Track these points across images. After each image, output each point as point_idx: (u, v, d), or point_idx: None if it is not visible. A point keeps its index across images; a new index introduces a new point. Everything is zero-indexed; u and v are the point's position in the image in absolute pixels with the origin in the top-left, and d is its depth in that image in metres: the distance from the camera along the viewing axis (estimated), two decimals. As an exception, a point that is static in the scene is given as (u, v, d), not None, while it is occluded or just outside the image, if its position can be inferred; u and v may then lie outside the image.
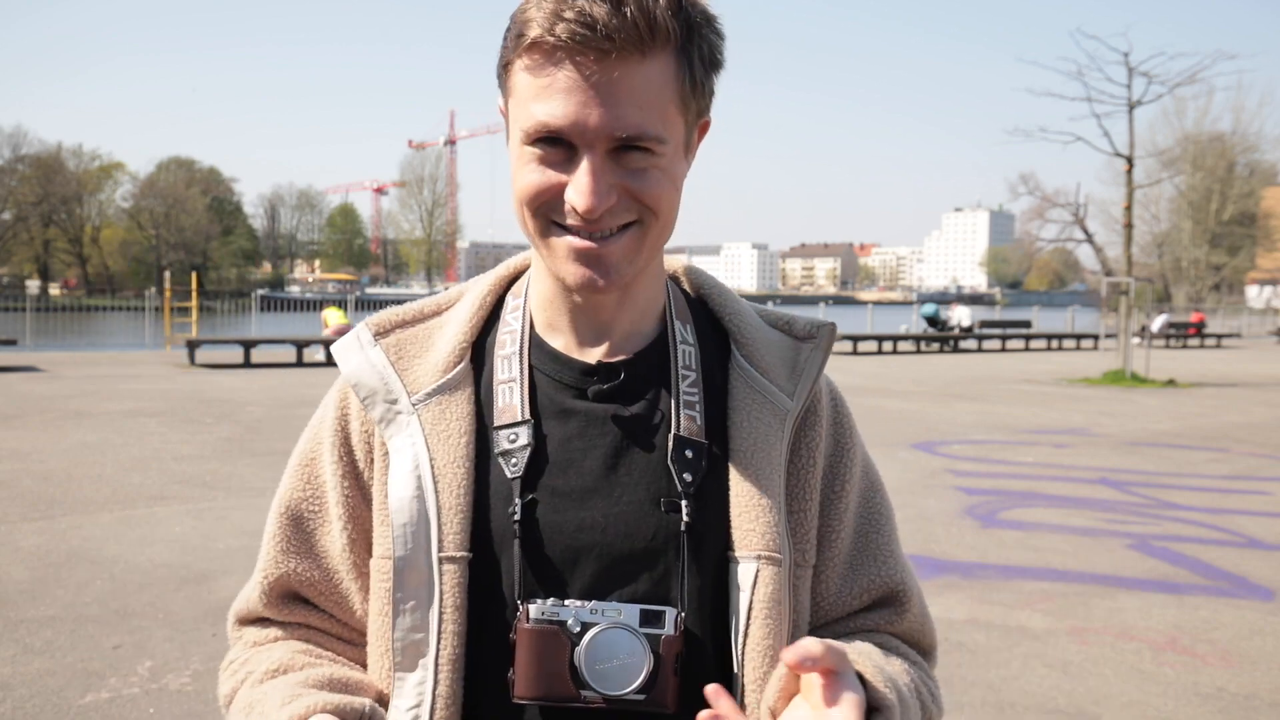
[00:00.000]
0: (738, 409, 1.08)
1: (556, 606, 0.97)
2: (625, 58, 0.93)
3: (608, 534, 1.02)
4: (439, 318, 1.15)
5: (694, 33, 0.97)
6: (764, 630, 1.01)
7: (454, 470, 1.03)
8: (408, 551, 1.02)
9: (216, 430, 10.84)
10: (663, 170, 0.98)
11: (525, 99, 0.96)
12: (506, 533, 1.02)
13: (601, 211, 0.95)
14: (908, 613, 1.14)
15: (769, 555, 1.02)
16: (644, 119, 0.94)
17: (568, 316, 1.09)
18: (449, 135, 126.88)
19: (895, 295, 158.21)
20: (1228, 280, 61.45)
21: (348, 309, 25.63)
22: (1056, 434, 12.15)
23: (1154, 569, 6.28)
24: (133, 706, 3.99)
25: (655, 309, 1.12)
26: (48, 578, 5.56)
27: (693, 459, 1.04)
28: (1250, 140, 54.71)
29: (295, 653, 1.09)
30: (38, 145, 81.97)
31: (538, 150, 0.97)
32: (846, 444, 1.15)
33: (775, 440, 1.06)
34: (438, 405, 1.06)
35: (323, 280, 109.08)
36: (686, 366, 1.09)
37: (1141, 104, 20.72)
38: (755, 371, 1.09)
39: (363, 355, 1.11)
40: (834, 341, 1.15)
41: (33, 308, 34.14)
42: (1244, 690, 4.37)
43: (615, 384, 1.07)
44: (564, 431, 1.06)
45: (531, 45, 0.94)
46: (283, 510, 1.13)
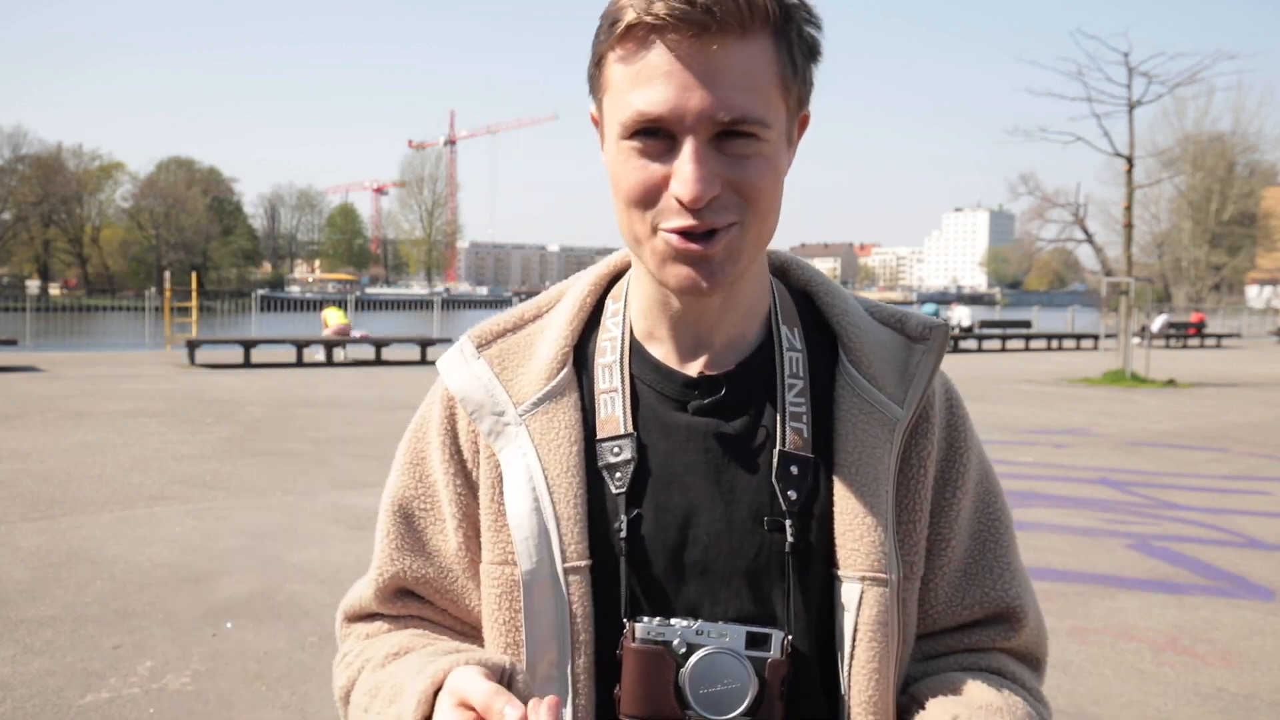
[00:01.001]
0: (844, 420, 1.03)
1: (663, 626, 0.96)
2: (725, 35, 0.89)
3: (710, 552, 1.00)
4: (539, 321, 1.12)
5: (791, 15, 0.94)
6: (869, 653, 0.98)
7: (567, 480, 1.02)
8: (534, 565, 1.00)
9: (216, 430, 10.84)
10: (767, 159, 0.94)
11: (621, 90, 0.93)
12: (613, 548, 1.01)
13: (707, 200, 0.91)
14: (1024, 629, 1.09)
15: (874, 576, 0.99)
16: (748, 100, 0.90)
17: (668, 324, 1.05)
18: (449, 135, 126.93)
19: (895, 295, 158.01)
20: (1228, 280, 61.48)
21: (348, 309, 25.63)
22: (1056, 434, 12.15)
23: (1154, 569, 6.28)
24: (133, 706, 3.99)
25: (760, 312, 1.08)
26: (48, 578, 5.56)
27: (798, 475, 1.01)
28: (1250, 140, 54.74)
29: (413, 636, 1.09)
30: (38, 145, 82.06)
31: (637, 143, 0.93)
32: (961, 448, 1.10)
33: (883, 453, 1.02)
34: (544, 414, 1.04)
35: (323, 280, 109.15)
36: (794, 375, 1.05)
37: (1141, 104, 20.73)
38: (864, 379, 1.05)
39: (467, 369, 1.09)
40: (946, 344, 1.10)
41: (33, 308, 34.10)
42: (1244, 690, 4.37)
43: (716, 398, 1.03)
44: (666, 446, 1.03)
45: (626, 32, 0.91)
46: (395, 509, 1.12)
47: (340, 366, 19.42)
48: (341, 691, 1.10)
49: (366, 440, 10.30)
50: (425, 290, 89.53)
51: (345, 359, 20.48)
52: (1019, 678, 1.08)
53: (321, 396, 14.23)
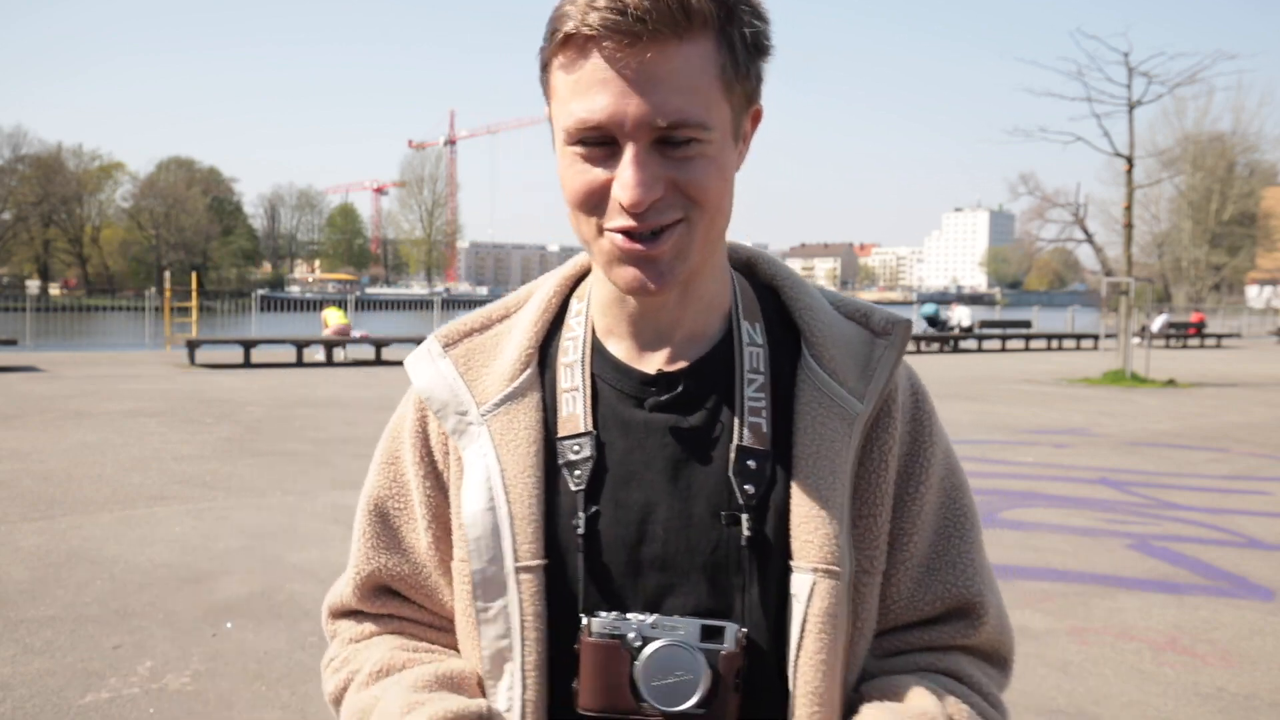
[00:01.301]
0: (803, 414, 1.04)
1: (619, 621, 0.98)
2: (660, 41, 0.90)
3: (668, 547, 1.02)
4: (506, 322, 1.14)
5: (733, 14, 0.95)
6: (818, 644, 0.99)
7: (524, 480, 1.03)
8: (484, 564, 1.03)
9: (216, 430, 10.84)
10: (710, 159, 0.95)
11: (564, 98, 0.95)
12: (571, 545, 1.02)
13: (648, 204, 0.93)
14: (984, 626, 1.09)
15: (826, 568, 1.00)
16: (685, 104, 0.92)
17: (627, 321, 1.07)
18: (449, 135, 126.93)
19: (895, 295, 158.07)
20: (1228, 280, 61.46)
21: (348, 309, 25.63)
22: (1056, 434, 12.15)
23: (1154, 569, 6.28)
24: (133, 706, 3.99)
25: (720, 308, 1.09)
26: (48, 578, 5.56)
27: (756, 469, 1.02)
28: (1250, 140, 54.74)
29: (394, 649, 1.11)
30: (38, 145, 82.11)
31: (580, 149, 0.95)
32: (925, 442, 1.10)
33: (841, 446, 1.03)
34: (505, 415, 1.06)
35: (323, 280, 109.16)
36: (754, 370, 1.06)
37: (1141, 104, 20.72)
38: (824, 373, 1.06)
39: (433, 368, 1.11)
40: (908, 339, 1.11)
41: (33, 308, 34.11)
42: (1244, 690, 4.37)
43: (673, 395, 1.05)
44: (625, 443, 1.05)
45: (565, 41, 0.93)
46: (370, 508, 1.15)
47: (340, 366, 19.42)
48: (332, 697, 1.13)
49: (366, 440, 10.29)
50: (425, 290, 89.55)
51: (345, 359, 20.47)
52: (974, 681, 1.08)
53: (321, 396, 14.23)
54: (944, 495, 1.11)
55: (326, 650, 1.19)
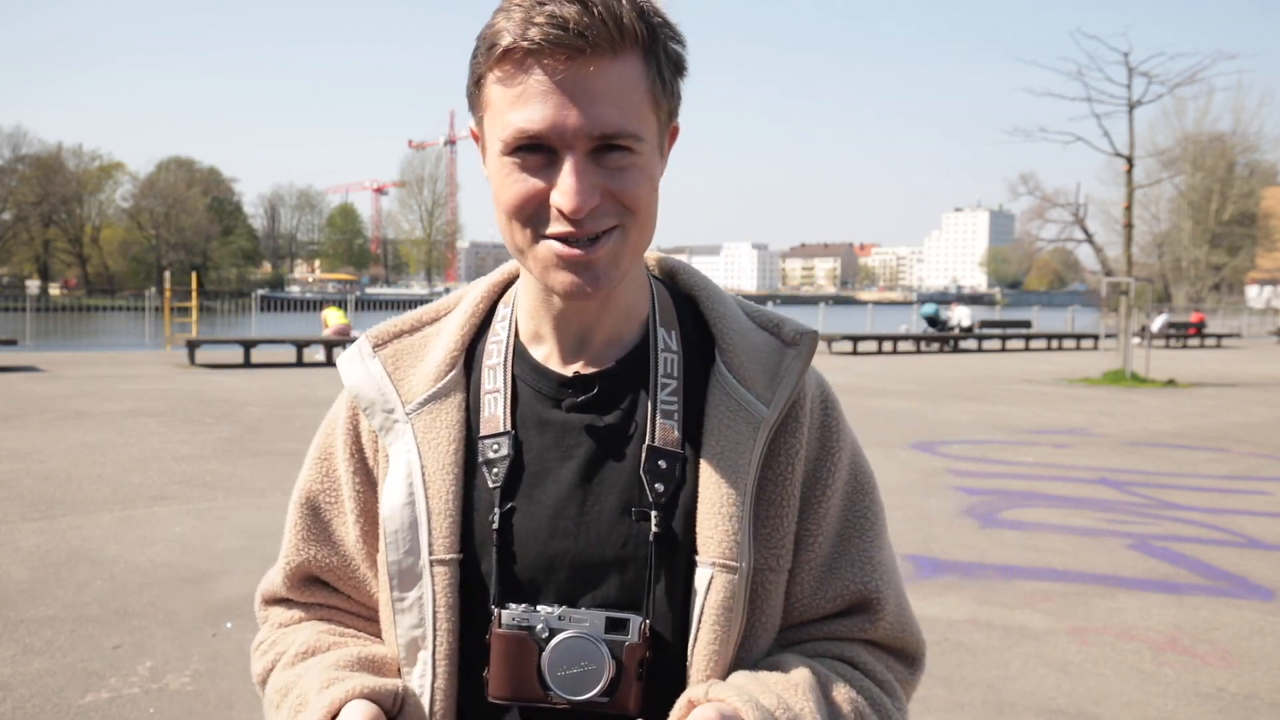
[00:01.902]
0: (711, 416, 1.08)
1: (528, 613, 1.02)
2: (598, 57, 0.95)
3: (579, 542, 1.06)
4: (435, 325, 1.19)
5: (657, 35, 0.99)
6: (711, 635, 1.03)
7: (443, 477, 1.08)
8: (401, 555, 1.07)
9: (216, 430, 10.84)
10: (641, 170, 1.00)
11: (501, 110, 0.98)
12: (486, 540, 1.07)
13: (587, 211, 0.97)
14: (881, 620, 1.13)
15: (724, 563, 1.03)
16: (620, 117, 0.96)
17: (551, 325, 1.11)
18: (449, 135, 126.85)
19: (895, 295, 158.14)
20: (1228, 280, 61.44)
21: (348, 309, 25.63)
22: (1056, 434, 12.15)
23: (1154, 569, 6.28)
24: (133, 706, 3.99)
25: (639, 315, 1.13)
26: (48, 578, 5.56)
27: (666, 469, 1.06)
28: (1250, 140, 54.75)
29: (320, 633, 1.16)
30: (38, 145, 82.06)
31: (517, 159, 0.98)
32: (833, 447, 1.14)
33: (746, 449, 1.07)
34: (429, 414, 1.11)
35: (323, 280, 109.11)
36: (667, 375, 1.10)
37: (1141, 104, 20.73)
38: (734, 379, 1.10)
39: (363, 367, 1.16)
40: (815, 349, 1.14)
41: (33, 308, 34.10)
42: (1244, 690, 4.37)
43: (589, 396, 1.09)
44: (541, 442, 1.09)
45: (504, 55, 0.96)
46: (302, 501, 1.20)
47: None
48: (258, 678, 1.18)
49: (366, 440, 10.29)
50: (425, 290, 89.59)
51: (345, 359, 20.45)
52: (867, 667, 1.11)
53: (321, 396, 14.23)
54: (849, 497, 1.15)
55: (256, 634, 1.23)
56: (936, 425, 12.50)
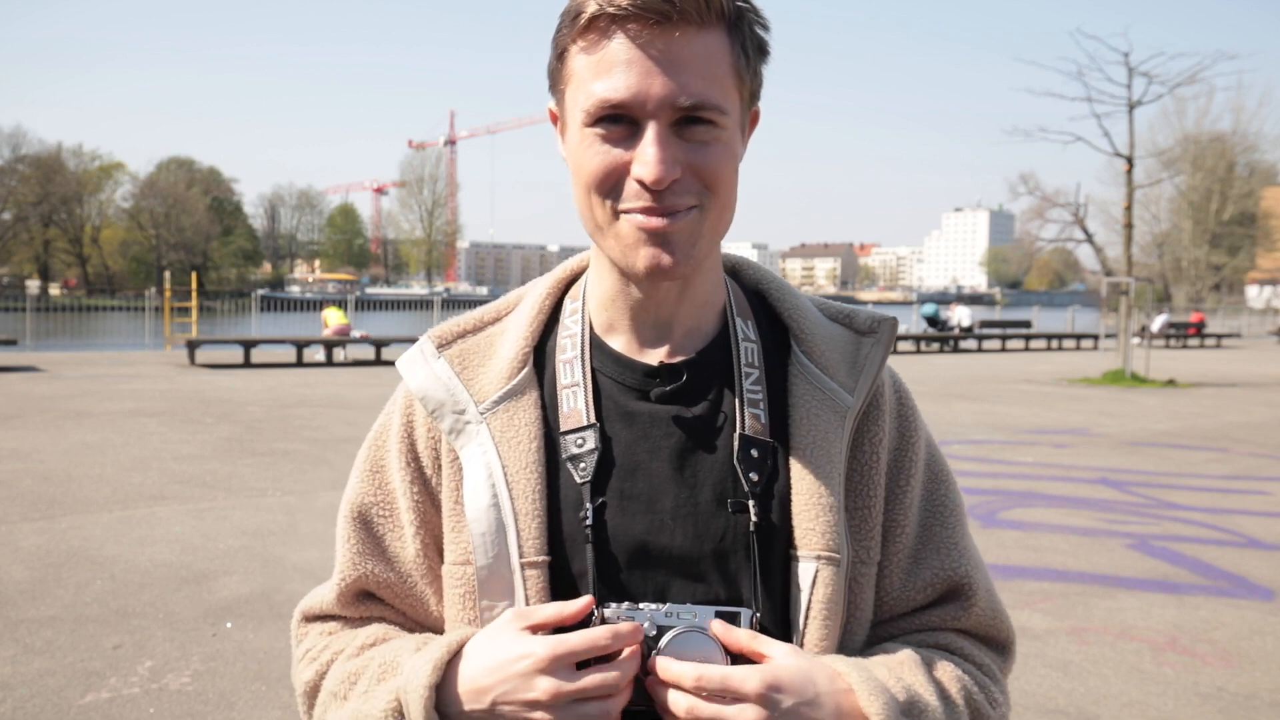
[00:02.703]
0: (798, 406, 1.06)
1: (631, 611, 0.97)
2: (685, 25, 0.93)
3: (677, 536, 1.02)
4: (499, 324, 1.15)
5: (742, 15, 0.98)
6: (822, 631, 1.01)
7: (526, 476, 1.03)
8: (490, 560, 1.02)
9: (216, 430, 10.84)
10: (725, 145, 0.97)
11: (584, 80, 0.96)
12: (579, 538, 1.02)
13: (669, 181, 0.94)
14: (974, 607, 1.11)
15: (828, 555, 1.01)
16: (706, 87, 0.94)
17: (628, 316, 1.08)
18: (449, 135, 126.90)
19: (895, 295, 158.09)
20: (1228, 280, 61.43)
21: (348, 309, 25.63)
22: (1056, 434, 12.15)
23: (1154, 569, 6.28)
24: (133, 706, 3.99)
25: (716, 305, 1.10)
26: (48, 578, 5.56)
27: (759, 458, 1.04)
28: (1250, 140, 54.74)
29: (386, 629, 1.12)
30: (38, 145, 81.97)
31: (600, 130, 0.96)
32: (911, 437, 1.13)
33: (836, 438, 1.05)
34: (505, 412, 1.06)
35: (323, 280, 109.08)
36: (749, 364, 1.08)
37: (1141, 104, 20.73)
38: (815, 368, 1.08)
39: (428, 368, 1.11)
40: (894, 336, 1.13)
41: (33, 308, 34.09)
42: (1244, 690, 4.37)
43: (678, 385, 1.06)
44: (629, 435, 1.05)
45: (589, 24, 0.94)
46: (354, 515, 1.16)
47: (340, 366, 19.42)
48: (307, 686, 1.10)
49: (366, 440, 10.28)
50: (425, 290, 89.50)
51: (345, 359, 20.47)
52: (966, 652, 1.10)
53: (321, 396, 14.23)
54: (928, 486, 1.14)
55: (298, 649, 1.17)
56: (936, 425, 12.48)
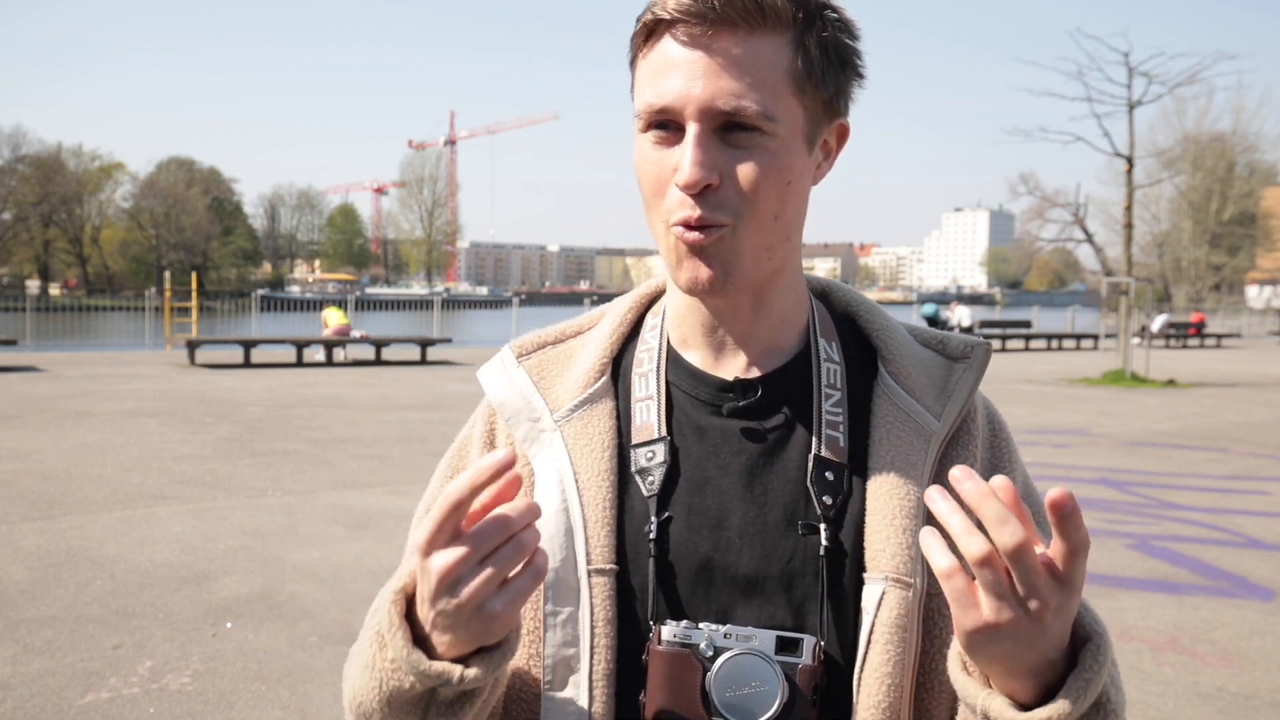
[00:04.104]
0: (879, 428, 1.03)
1: (689, 629, 0.94)
2: (732, 29, 0.91)
3: (743, 556, 0.99)
4: (580, 338, 1.14)
5: (814, 20, 0.94)
6: (884, 656, 0.95)
7: (598, 483, 1.02)
8: (558, 564, 0.99)
9: (216, 430, 10.84)
10: (771, 155, 0.93)
11: (641, 86, 0.96)
12: (642, 551, 1.00)
13: (702, 185, 0.91)
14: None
15: (896, 578, 0.96)
16: (749, 92, 0.91)
17: (701, 330, 1.06)
18: (449, 135, 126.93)
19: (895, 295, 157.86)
20: (1228, 280, 61.42)
21: (348, 309, 25.63)
22: (1056, 434, 12.15)
23: (1154, 569, 6.28)
24: (133, 706, 3.99)
25: (797, 323, 1.08)
26: (48, 578, 5.56)
27: (834, 481, 1.01)
28: (1250, 140, 54.66)
29: None
30: (38, 145, 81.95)
31: (653, 136, 0.95)
32: (1005, 468, 1.09)
33: (918, 460, 1.01)
34: (580, 420, 1.05)
35: (323, 280, 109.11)
36: (831, 385, 1.05)
37: (1141, 104, 20.74)
38: (902, 390, 1.05)
39: (506, 377, 1.10)
40: (988, 363, 1.09)
41: (33, 308, 34.08)
42: (1244, 690, 4.37)
43: (752, 401, 1.03)
44: (700, 449, 1.03)
45: (646, 30, 0.95)
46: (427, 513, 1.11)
47: (340, 366, 19.43)
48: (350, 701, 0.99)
49: (366, 440, 10.28)
50: (425, 290, 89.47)
51: (345, 359, 20.48)
52: None
53: (321, 396, 14.23)
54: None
55: None
56: (936, 425, 12.47)
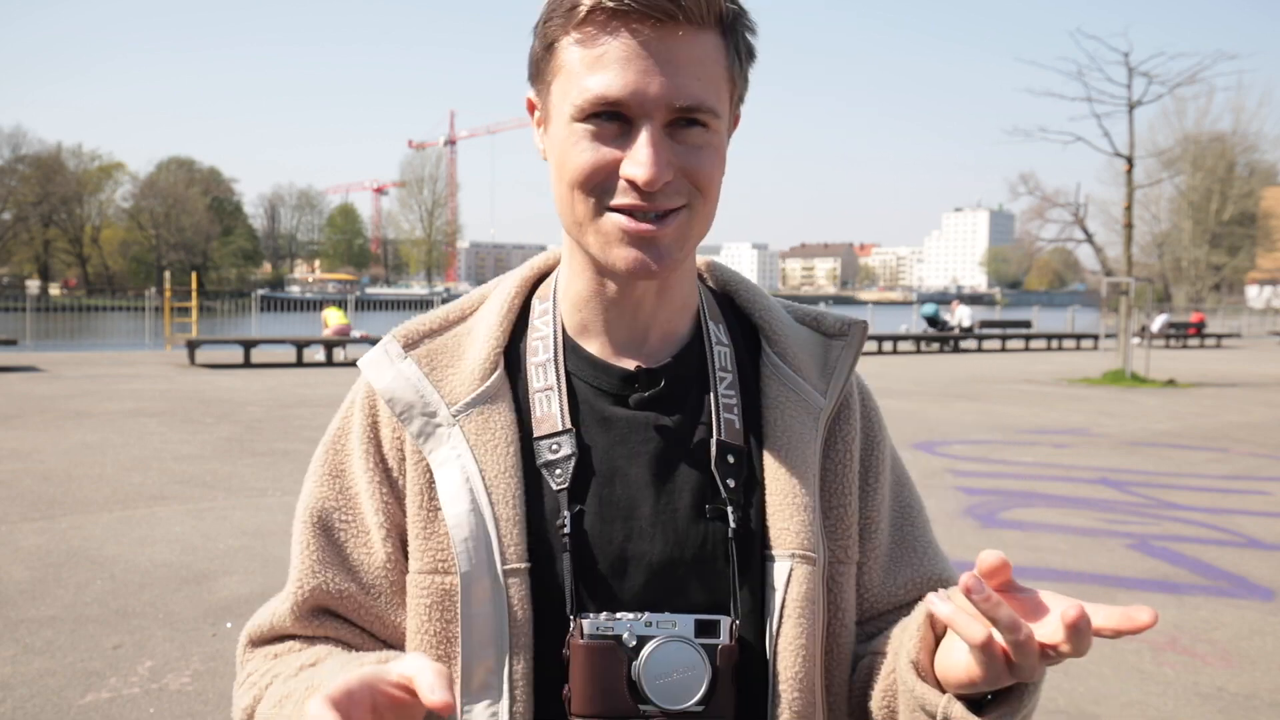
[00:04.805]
0: (771, 407, 1.06)
1: (610, 621, 0.94)
2: (688, 25, 0.92)
3: (656, 543, 1.00)
4: (465, 323, 1.11)
5: (737, 18, 0.97)
6: (797, 629, 0.99)
7: (505, 480, 1.00)
8: (472, 567, 0.98)
9: (216, 430, 10.84)
10: (715, 149, 0.97)
11: (577, 74, 0.93)
12: (556, 546, 0.99)
13: (661, 184, 0.93)
14: None
15: (802, 554, 1.00)
16: (703, 90, 0.93)
17: (603, 318, 1.06)
18: (449, 135, 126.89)
19: (895, 295, 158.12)
20: (1228, 280, 61.41)
21: (348, 309, 25.63)
22: (1056, 434, 12.15)
23: (1154, 569, 6.28)
24: (133, 706, 3.99)
25: (690, 308, 1.10)
26: (48, 578, 5.56)
27: (735, 464, 1.03)
28: (1250, 140, 54.68)
29: (330, 649, 1.03)
30: (38, 145, 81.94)
31: (591, 126, 0.93)
32: (878, 438, 1.14)
33: (810, 438, 1.05)
34: (479, 415, 1.03)
35: (323, 280, 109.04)
36: (723, 368, 1.07)
37: (1141, 104, 20.73)
38: (787, 368, 1.08)
39: (394, 369, 1.07)
40: (864, 339, 1.13)
41: (33, 308, 34.11)
42: (1244, 690, 4.37)
43: (656, 391, 1.04)
44: (607, 440, 1.03)
45: (587, 17, 0.92)
46: (313, 522, 1.08)
47: (340, 366, 19.42)
48: (244, 714, 1.02)
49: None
50: (425, 290, 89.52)
51: (345, 359, 20.46)
52: None
53: (321, 396, 14.23)
54: (895, 488, 1.15)
55: (238, 676, 1.07)
56: (936, 425, 12.49)
